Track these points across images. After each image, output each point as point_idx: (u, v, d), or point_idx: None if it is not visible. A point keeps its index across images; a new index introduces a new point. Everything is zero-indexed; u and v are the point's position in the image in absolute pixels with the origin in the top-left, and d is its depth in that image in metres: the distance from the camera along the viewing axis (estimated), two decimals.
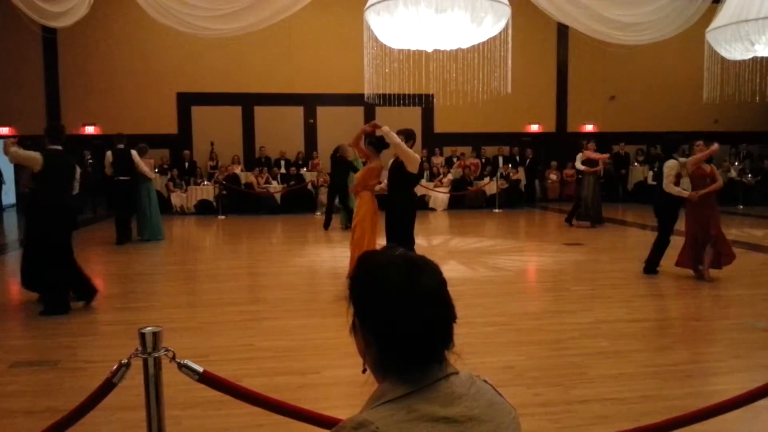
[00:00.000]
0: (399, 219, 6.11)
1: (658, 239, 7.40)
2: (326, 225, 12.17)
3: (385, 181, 6.47)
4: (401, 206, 6.16)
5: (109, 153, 10.57)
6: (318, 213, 14.79)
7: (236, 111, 17.05)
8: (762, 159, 17.22)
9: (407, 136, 6.18)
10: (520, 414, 1.19)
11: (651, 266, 7.40)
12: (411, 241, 6.12)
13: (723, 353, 4.60)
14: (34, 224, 5.82)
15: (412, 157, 6.02)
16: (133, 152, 10.43)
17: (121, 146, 10.42)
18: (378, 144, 6.40)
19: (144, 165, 10.51)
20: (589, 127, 18.31)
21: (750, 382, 3.26)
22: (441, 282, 1.13)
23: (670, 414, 2.77)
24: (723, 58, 10.73)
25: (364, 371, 1.17)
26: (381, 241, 6.32)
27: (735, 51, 10.05)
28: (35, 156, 5.73)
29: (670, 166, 7.10)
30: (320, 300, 6.41)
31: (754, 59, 10.78)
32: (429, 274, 1.12)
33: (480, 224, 13.19)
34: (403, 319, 1.07)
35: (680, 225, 7.40)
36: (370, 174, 6.40)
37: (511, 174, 16.73)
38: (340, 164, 12.10)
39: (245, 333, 5.12)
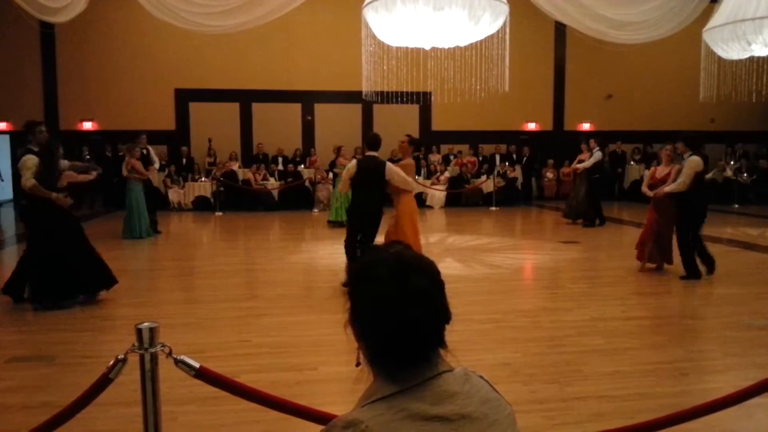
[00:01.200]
0: (369, 216, 6.29)
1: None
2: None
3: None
4: (374, 205, 6.34)
5: None
6: (315, 210, 14.81)
7: (234, 107, 17.03)
8: (758, 158, 17.28)
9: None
10: (516, 411, 1.19)
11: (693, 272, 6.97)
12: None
13: (717, 351, 4.62)
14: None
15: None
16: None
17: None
18: (418, 145, 6.55)
19: (126, 163, 10.26)
20: (585, 126, 18.33)
21: (744, 380, 3.28)
22: (433, 283, 1.11)
23: (664, 411, 2.78)
24: (720, 58, 10.75)
25: (357, 364, 1.16)
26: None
27: (732, 50, 10.07)
28: None
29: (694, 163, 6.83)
30: (317, 297, 6.42)
31: (751, 59, 10.80)
32: (419, 275, 1.09)
33: (477, 222, 13.20)
34: (386, 319, 1.07)
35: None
36: (409, 172, 6.59)
37: (508, 172, 16.75)
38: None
39: (242, 329, 5.12)
